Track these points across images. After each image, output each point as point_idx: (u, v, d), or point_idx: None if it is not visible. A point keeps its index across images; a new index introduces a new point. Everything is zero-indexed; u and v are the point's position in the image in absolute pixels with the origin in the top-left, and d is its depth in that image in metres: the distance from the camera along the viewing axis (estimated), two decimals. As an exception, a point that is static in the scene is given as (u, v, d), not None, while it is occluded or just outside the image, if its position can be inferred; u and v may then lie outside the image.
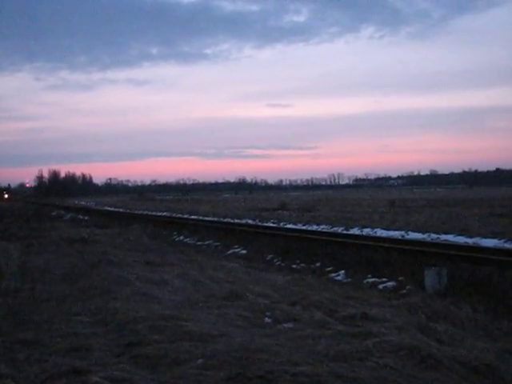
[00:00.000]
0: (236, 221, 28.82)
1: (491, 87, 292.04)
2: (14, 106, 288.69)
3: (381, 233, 19.43)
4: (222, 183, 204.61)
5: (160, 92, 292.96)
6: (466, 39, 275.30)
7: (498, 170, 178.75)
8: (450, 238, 16.91)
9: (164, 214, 40.15)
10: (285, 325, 6.94)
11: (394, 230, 20.22)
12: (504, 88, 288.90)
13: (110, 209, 55.65)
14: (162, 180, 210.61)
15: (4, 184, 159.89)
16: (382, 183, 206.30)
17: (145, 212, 43.19)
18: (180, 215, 36.65)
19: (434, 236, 17.59)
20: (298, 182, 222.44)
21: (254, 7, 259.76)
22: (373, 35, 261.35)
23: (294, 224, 25.79)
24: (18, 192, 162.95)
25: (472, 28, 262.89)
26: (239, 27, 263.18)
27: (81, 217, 41.71)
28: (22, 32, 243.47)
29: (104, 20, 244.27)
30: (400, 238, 17.11)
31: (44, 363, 5.51)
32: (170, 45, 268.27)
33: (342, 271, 12.37)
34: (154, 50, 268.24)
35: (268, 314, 7.51)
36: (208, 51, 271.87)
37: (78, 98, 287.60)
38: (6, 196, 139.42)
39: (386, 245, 14.16)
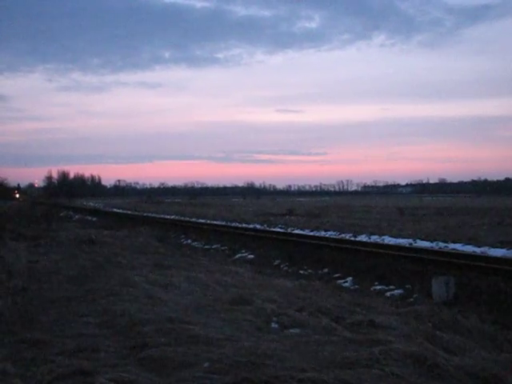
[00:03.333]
0: (244, 225, 28.82)
1: (502, 96, 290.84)
2: (25, 107, 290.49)
3: (389, 240, 19.39)
4: (230, 187, 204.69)
5: (171, 95, 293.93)
6: (477, 48, 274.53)
7: (507, 179, 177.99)
8: (458, 246, 16.86)
9: (172, 217, 40.21)
10: (291, 330, 6.93)
11: (402, 237, 20.17)
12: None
13: (118, 211, 55.77)
14: (170, 183, 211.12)
15: (13, 184, 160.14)
16: (390, 190, 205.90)
17: (153, 215, 43.26)
18: (188, 218, 36.69)
19: (442, 245, 17.53)
20: (307, 187, 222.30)
21: (267, 13, 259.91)
22: (384, 43, 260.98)
23: (302, 230, 25.77)
24: (27, 192, 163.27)
25: (484, 37, 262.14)
26: (251, 32, 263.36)
27: (89, 218, 41.84)
28: (35, 33, 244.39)
29: (117, 23, 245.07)
30: (408, 245, 17.06)
31: (51, 363, 5.53)
32: (182, 48, 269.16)
33: (350, 278, 12.36)
34: (166, 54, 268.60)
35: (275, 319, 7.51)
36: (220, 55, 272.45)
37: (90, 99, 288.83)
38: (18, 195, 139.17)
39: (394, 252, 14.14)
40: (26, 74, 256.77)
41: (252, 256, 16.87)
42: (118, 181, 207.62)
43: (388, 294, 10.71)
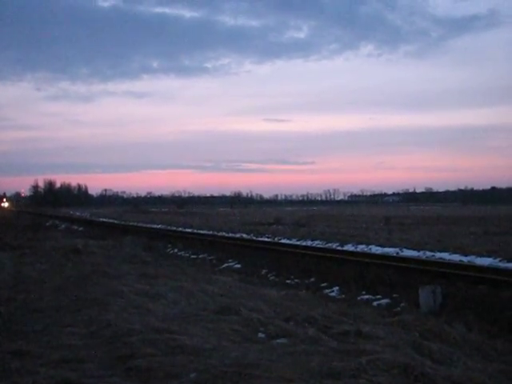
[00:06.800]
0: (231, 235, 28.79)
1: (488, 106, 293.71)
2: (14, 116, 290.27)
3: (376, 249, 19.42)
4: (218, 197, 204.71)
5: (159, 105, 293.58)
6: (463, 59, 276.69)
7: (493, 188, 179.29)
8: (445, 256, 16.90)
9: (159, 226, 40.08)
10: (278, 340, 6.91)
11: (389, 246, 20.20)
12: (501, 107, 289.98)
13: (104, 220, 55.53)
14: (157, 192, 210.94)
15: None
16: (377, 200, 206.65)
17: (139, 224, 43.11)
18: (175, 228, 36.59)
19: (428, 254, 17.57)
20: (294, 197, 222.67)
21: (255, 23, 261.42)
22: (372, 53, 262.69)
23: (289, 239, 25.77)
24: (14, 201, 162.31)
25: (470, 48, 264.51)
26: (240, 42, 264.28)
27: (75, 227, 41.61)
28: (24, 42, 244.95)
29: (106, 32, 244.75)
30: (395, 255, 17.10)
31: (36, 375, 5.47)
32: (171, 58, 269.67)
33: (336, 287, 12.35)
34: (155, 63, 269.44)
35: (261, 329, 7.48)
36: (208, 65, 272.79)
37: (78, 108, 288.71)
38: (6, 205, 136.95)
39: (381, 262, 14.16)
40: (14, 82, 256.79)
41: (239, 265, 16.83)
42: (105, 190, 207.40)
43: (375, 303, 10.71)
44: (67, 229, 40.03)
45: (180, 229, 35.23)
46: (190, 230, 32.93)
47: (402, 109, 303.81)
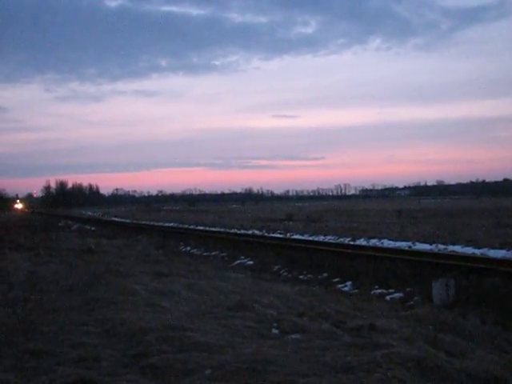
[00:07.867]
0: (242, 231, 28.82)
1: (499, 97, 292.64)
2: (24, 117, 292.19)
3: (388, 243, 19.39)
4: (229, 194, 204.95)
5: (168, 103, 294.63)
6: (473, 50, 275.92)
7: (505, 180, 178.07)
8: (458, 248, 16.86)
9: (171, 224, 40.18)
10: (292, 336, 6.92)
11: (401, 240, 20.17)
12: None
13: (116, 219, 55.75)
14: (168, 191, 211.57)
15: (12, 194, 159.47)
16: (388, 193, 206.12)
17: (151, 223, 43.25)
18: (186, 226, 36.68)
19: (441, 247, 17.53)
20: (305, 192, 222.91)
21: (263, 19, 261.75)
22: (380, 46, 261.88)
23: (301, 235, 25.77)
24: (26, 202, 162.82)
25: (480, 39, 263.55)
26: (248, 39, 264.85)
27: (88, 227, 41.79)
28: (33, 44, 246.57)
29: (114, 32, 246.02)
30: (407, 248, 17.07)
31: (52, 373, 5.51)
32: (179, 56, 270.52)
33: (349, 282, 12.35)
34: (163, 62, 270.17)
35: (275, 324, 7.50)
36: (217, 62, 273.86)
37: (87, 109, 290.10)
38: (20, 206, 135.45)
39: (393, 256, 14.14)
40: (23, 84, 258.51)
41: (251, 262, 16.86)
42: (116, 189, 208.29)
43: (388, 297, 10.70)
44: (80, 229, 40.21)
45: (192, 226, 35.33)
46: (201, 228, 33.02)
47: (411, 102, 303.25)
